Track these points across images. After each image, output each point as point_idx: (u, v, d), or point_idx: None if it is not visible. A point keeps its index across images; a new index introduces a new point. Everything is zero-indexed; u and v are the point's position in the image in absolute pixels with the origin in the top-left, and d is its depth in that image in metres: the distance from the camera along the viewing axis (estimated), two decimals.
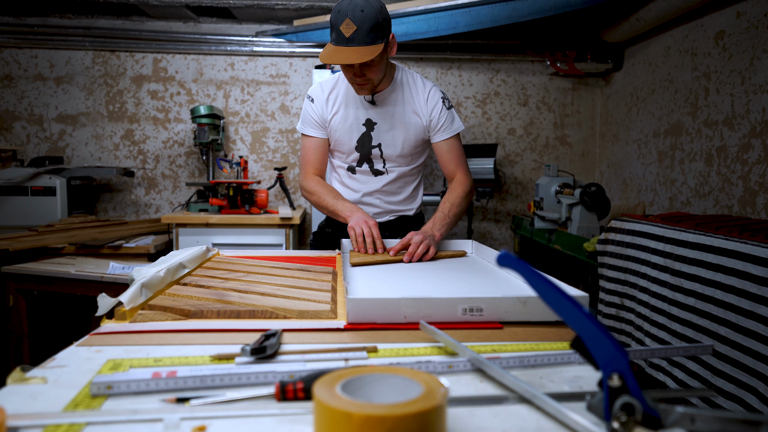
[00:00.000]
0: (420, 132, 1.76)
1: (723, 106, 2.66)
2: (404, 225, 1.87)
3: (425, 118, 1.74)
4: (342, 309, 1.01)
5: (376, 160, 1.79)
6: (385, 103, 1.74)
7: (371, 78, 1.61)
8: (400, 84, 1.75)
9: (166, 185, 3.87)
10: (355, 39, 1.49)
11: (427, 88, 1.76)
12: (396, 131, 1.75)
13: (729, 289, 1.56)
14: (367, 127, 1.75)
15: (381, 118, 1.74)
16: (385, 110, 1.74)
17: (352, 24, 1.48)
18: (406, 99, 1.74)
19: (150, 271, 1.07)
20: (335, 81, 1.78)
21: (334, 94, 1.76)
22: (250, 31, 3.78)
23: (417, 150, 1.80)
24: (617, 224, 2.21)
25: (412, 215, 1.90)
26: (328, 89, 1.77)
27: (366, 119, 1.75)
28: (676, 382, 1.73)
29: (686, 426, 0.51)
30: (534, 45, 3.75)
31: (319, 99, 1.76)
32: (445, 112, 1.75)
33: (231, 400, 0.60)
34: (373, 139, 1.76)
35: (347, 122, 1.75)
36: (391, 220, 1.86)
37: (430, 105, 1.74)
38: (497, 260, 0.58)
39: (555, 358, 0.74)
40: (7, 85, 3.72)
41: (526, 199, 3.99)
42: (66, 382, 0.65)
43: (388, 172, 1.80)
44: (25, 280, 2.53)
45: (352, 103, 1.75)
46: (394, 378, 0.54)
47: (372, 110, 1.74)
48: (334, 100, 1.76)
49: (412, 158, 1.81)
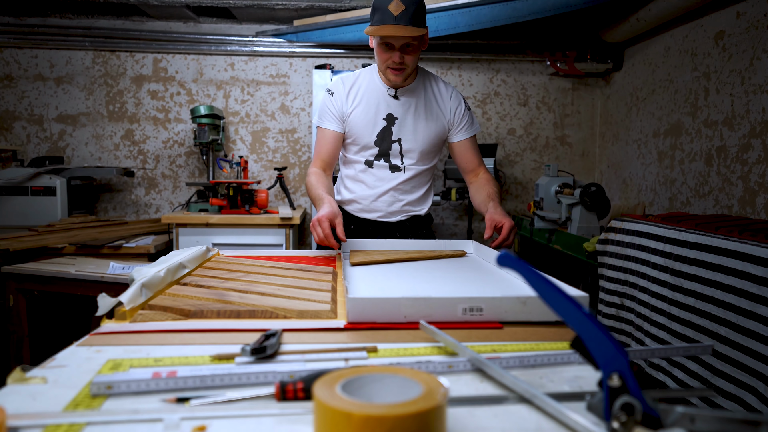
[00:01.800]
0: (441, 129, 1.79)
1: (723, 106, 2.66)
2: (415, 225, 1.88)
3: (448, 116, 1.79)
4: (342, 309, 1.01)
5: (394, 155, 1.79)
6: (408, 98, 1.76)
7: (409, 63, 1.65)
8: (423, 81, 1.78)
9: (166, 185, 3.87)
10: (403, 18, 1.54)
11: (449, 89, 1.82)
12: (417, 126, 1.76)
13: (729, 289, 1.56)
14: (387, 121, 1.76)
15: (402, 112, 1.76)
16: (407, 105, 1.76)
17: (402, 4, 1.54)
18: (429, 96, 1.77)
19: (150, 271, 1.07)
20: (356, 76, 1.79)
21: (356, 88, 1.77)
22: (250, 31, 3.78)
23: (435, 148, 1.82)
24: (617, 224, 2.21)
25: (424, 215, 1.91)
26: (349, 84, 1.78)
27: (387, 114, 1.76)
28: (676, 382, 1.73)
29: (686, 426, 0.51)
30: (534, 45, 3.75)
31: (340, 93, 1.77)
32: (467, 113, 1.81)
33: (231, 400, 0.60)
34: (393, 134, 1.77)
35: (368, 116, 1.75)
36: (403, 219, 1.87)
37: (453, 105, 1.79)
38: (497, 260, 0.58)
39: (555, 358, 0.74)
40: (7, 85, 3.72)
41: (526, 199, 3.99)
42: (66, 382, 0.65)
43: (405, 170, 1.81)
44: (25, 280, 2.53)
45: (373, 98, 1.76)
46: (394, 378, 0.54)
47: (394, 105, 1.76)
48: (355, 94, 1.77)
49: (429, 156, 1.83)
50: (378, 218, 1.85)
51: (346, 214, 1.88)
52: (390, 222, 1.85)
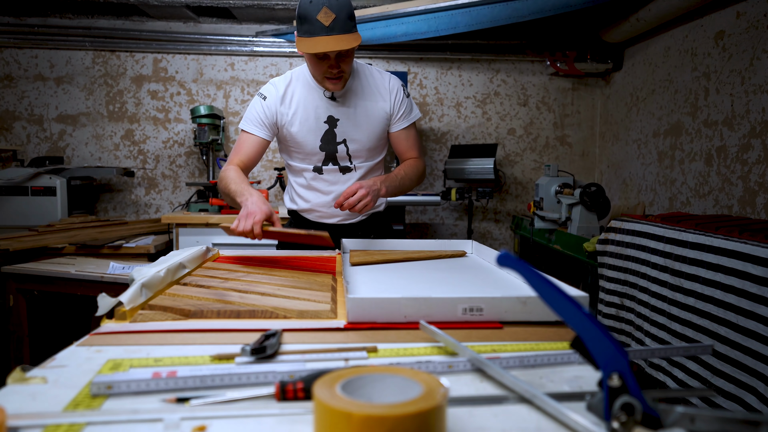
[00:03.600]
0: (384, 122, 1.73)
1: (723, 106, 2.66)
2: (375, 223, 1.85)
3: (388, 105, 1.72)
4: (342, 309, 1.01)
5: (342, 157, 1.72)
6: (346, 97, 1.68)
7: (346, 69, 1.58)
8: (358, 76, 1.71)
9: (166, 185, 3.87)
10: (335, 27, 1.47)
11: (385, 76, 1.74)
12: (360, 124, 1.70)
13: (729, 289, 1.56)
14: (329, 124, 1.69)
15: (343, 113, 1.69)
16: (346, 105, 1.68)
17: (331, 12, 1.46)
18: (366, 90, 1.70)
19: (150, 271, 1.07)
20: (288, 80, 1.70)
21: (290, 93, 1.69)
22: (250, 31, 3.78)
23: (381, 142, 1.77)
24: (617, 224, 2.21)
25: (382, 210, 1.87)
26: (282, 88, 1.69)
27: (327, 116, 1.69)
28: (676, 382, 1.74)
29: (686, 426, 0.51)
30: (534, 45, 3.75)
31: (273, 98, 1.68)
32: (406, 100, 1.74)
33: (231, 400, 0.60)
34: (337, 136, 1.70)
35: (308, 121, 1.68)
36: (363, 219, 1.82)
37: (393, 93, 1.72)
38: (497, 260, 0.58)
39: (555, 358, 0.74)
40: (7, 85, 3.72)
41: (526, 199, 3.99)
42: (66, 382, 0.65)
43: (356, 169, 1.74)
44: (25, 280, 2.53)
45: (310, 102, 1.68)
46: (394, 378, 0.54)
47: (333, 106, 1.68)
48: (290, 100, 1.68)
49: (377, 150, 1.78)
50: (338, 222, 1.80)
51: (306, 221, 1.83)
52: (351, 224, 1.81)
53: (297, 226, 1.85)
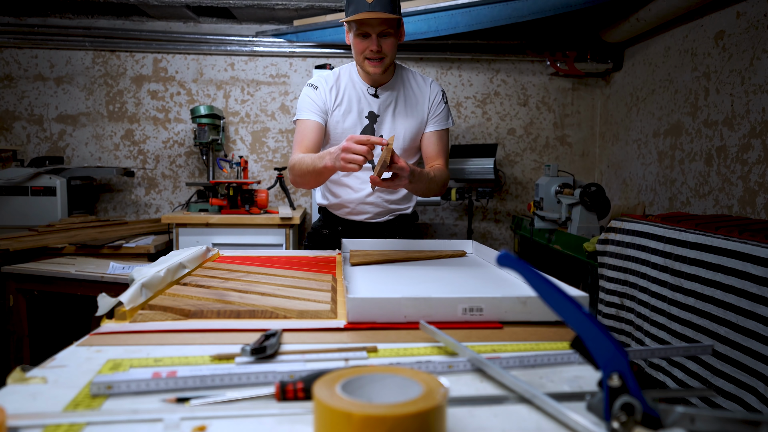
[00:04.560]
0: (421, 124, 1.77)
1: (723, 106, 2.66)
2: (402, 224, 1.88)
3: (426, 108, 1.76)
4: (342, 309, 1.01)
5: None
6: (388, 95, 1.74)
7: (387, 52, 1.62)
8: (401, 76, 1.77)
9: (166, 185, 3.87)
10: (378, 4, 1.53)
11: (428, 81, 1.79)
12: (399, 123, 1.74)
13: (729, 289, 1.56)
14: (370, 119, 1.74)
15: (384, 110, 1.74)
16: (388, 102, 1.74)
17: None
18: (408, 91, 1.76)
19: (150, 271, 1.07)
20: (336, 75, 1.77)
21: (336, 86, 1.75)
22: (250, 31, 3.78)
23: (416, 143, 1.80)
24: (617, 224, 2.21)
25: (410, 213, 1.90)
26: (331, 81, 1.75)
27: (369, 112, 1.74)
28: (676, 382, 1.74)
29: (686, 426, 0.51)
30: (534, 45, 3.75)
31: (323, 87, 1.74)
32: (443, 105, 1.78)
33: (231, 400, 0.60)
34: (376, 132, 1.75)
35: (350, 115, 1.73)
36: (390, 219, 1.86)
37: (432, 96, 1.77)
38: (497, 260, 0.58)
39: (555, 358, 0.74)
40: (7, 85, 3.72)
41: (526, 199, 3.99)
42: (66, 382, 0.65)
43: None
44: (25, 280, 2.53)
45: (354, 96, 1.74)
46: (394, 378, 0.54)
47: (375, 102, 1.74)
48: (336, 92, 1.74)
49: (412, 152, 1.81)
50: (366, 219, 1.84)
51: (334, 217, 1.87)
52: (378, 222, 1.85)
53: (326, 224, 1.91)
